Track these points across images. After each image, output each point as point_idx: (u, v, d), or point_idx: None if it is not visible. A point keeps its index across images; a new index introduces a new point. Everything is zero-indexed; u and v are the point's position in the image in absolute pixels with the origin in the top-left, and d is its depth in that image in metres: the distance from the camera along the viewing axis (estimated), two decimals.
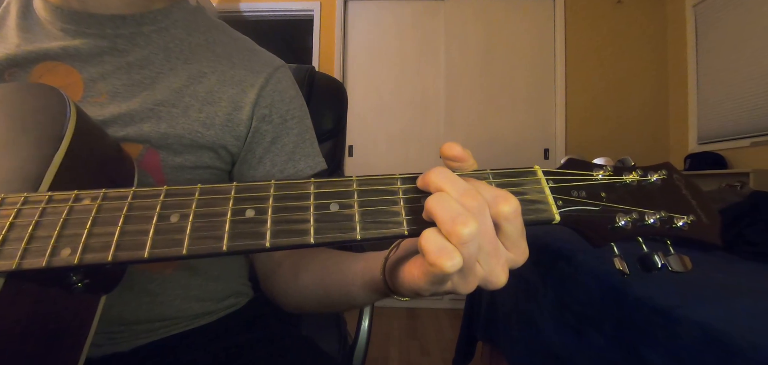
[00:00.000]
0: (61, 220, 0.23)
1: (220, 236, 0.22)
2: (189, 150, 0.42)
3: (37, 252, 0.22)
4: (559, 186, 0.27)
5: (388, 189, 0.25)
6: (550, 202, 0.25)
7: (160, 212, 0.23)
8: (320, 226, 0.23)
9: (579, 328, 0.87)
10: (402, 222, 0.24)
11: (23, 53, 0.39)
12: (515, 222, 0.23)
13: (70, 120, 0.29)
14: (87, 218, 0.23)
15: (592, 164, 0.29)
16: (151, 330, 0.42)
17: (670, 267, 0.26)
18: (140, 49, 0.42)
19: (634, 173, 0.28)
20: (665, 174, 0.29)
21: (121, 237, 0.22)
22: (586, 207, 0.26)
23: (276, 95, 0.47)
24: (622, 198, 0.27)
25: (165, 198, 0.24)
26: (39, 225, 0.23)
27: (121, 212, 0.23)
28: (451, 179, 0.23)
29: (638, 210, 0.26)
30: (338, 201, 0.24)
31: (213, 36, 0.48)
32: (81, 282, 0.25)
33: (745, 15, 2.15)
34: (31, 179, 0.26)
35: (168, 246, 0.22)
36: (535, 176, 0.27)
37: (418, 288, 0.24)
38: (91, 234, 0.22)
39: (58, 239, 0.22)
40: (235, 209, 0.23)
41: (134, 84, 0.41)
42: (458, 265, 0.20)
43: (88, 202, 0.24)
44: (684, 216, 0.27)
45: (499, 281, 0.23)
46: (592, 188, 0.27)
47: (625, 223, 0.26)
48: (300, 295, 0.43)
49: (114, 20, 0.41)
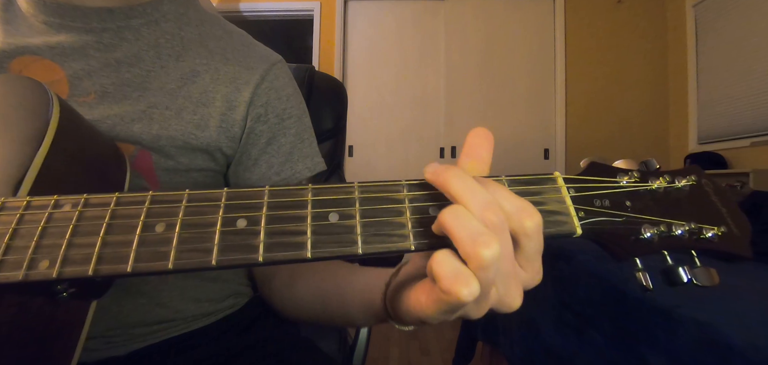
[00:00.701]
0: (39, 229, 0.21)
1: (209, 249, 0.20)
2: (182, 152, 0.40)
3: (13, 264, 0.20)
4: (580, 196, 0.24)
5: (393, 197, 0.23)
6: (571, 213, 0.23)
7: (145, 221, 0.21)
8: (318, 239, 0.21)
9: (579, 328, 0.87)
10: (408, 235, 0.21)
11: (4, 46, 0.37)
12: (537, 239, 0.21)
13: (52, 115, 0.27)
14: (67, 227, 0.21)
15: (616, 168, 0.26)
16: (148, 332, 0.41)
17: (696, 282, 0.24)
18: (129, 45, 0.40)
19: (661, 179, 0.26)
20: (694, 179, 0.26)
21: (102, 249, 0.21)
22: (610, 218, 0.24)
23: (272, 93, 0.45)
24: (648, 207, 0.25)
25: (150, 205, 0.22)
26: (16, 234, 0.21)
27: (103, 221, 0.22)
28: (471, 187, 0.20)
29: (666, 221, 0.24)
30: (338, 210, 0.22)
31: (206, 29, 0.45)
32: (66, 292, 0.24)
33: (745, 15, 2.15)
34: (11, 181, 0.25)
35: (153, 260, 0.20)
36: (555, 184, 0.24)
37: (426, 317, 0.22)
38: (71, 245, 0.21)
39: (35, 250, 0.21)
40: (226, 218, 0.21)
41: (124, 83, 0.39)
42: (476, 293, 0.18)
43: (69, 209, 0.22)
44: (714, 227, 0.25)
45: (513, 304, 0.21)
46: (616, 196, 0.25)
47: (651, 236, 0.24)
48: (296, 307, 0.42)
49: (100, 13, 0.39)
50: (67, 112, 0.29)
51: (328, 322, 0.40)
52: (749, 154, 2.13)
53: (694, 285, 0.24)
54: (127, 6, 0.40)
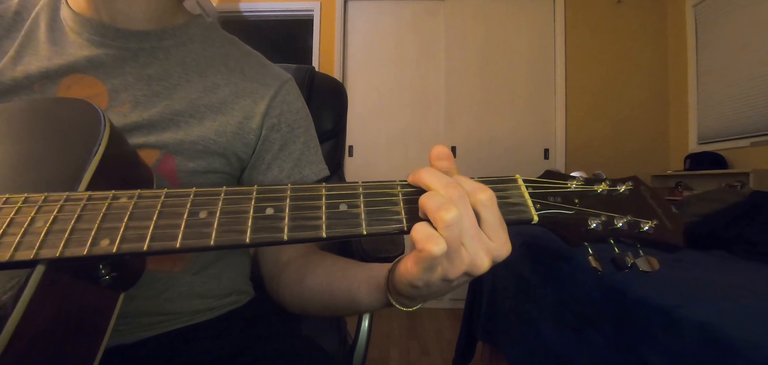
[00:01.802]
0: (100, 215, 0.26)
1: (244, 230, 0.25)
2: (202, 156, 0.45)
3: (78, 242, 0.24)
4: (537, 192, 0.30)
5: (390, 192, 0.28)
6: (529, 204, 0.29)
7: (191, 209, 0.26)
8: (331, 223, 0.26)
9: (579, 328, 0.87)
10: (402, 219, 0.27)
11: (54, 66, 0.42)
12: (492, 208, 0.26)
13: (105, 130, 0.32)
14: (124, 213, 0.26)
15: (568, 175, 0.32)
16: (155, 323, 0.44)
17: (639, 268, 0.29)
18: (160, 63, 0.46)
19: (603, 183, 0.32)
20: (632, 185, 0.32)
21: (155, 230, 0.25)
22: (562, 210, 0.30)
23: (284, 106, 0.51)
24: (592, 204, 0.31)
25: (194, 197, 0.27)
26: (80, 219, 0.26)
27: (155, 209, 0.26)
28: (436, 174, 0.27)
29: (608, 214, 0.30)
30: (346, 201, 0.27)
31: (226, 50, 0.51)
32: (109, 275, 0.28)
33: (745, 15, 2.15)
34: (69, 182, 0.29)
35: (197, 238, 0.24)
36: (516, 183, 0.30)
37: (412, 278, 0.27)
38: (128, 227, 0.25)
39: (98, 231, 0.25)
40: (257, 206, 0.26)
41: (154, 94, 0.44)
42: (443, 249, 0.24)
43: (125, 200, 0.27)
44: (649, 221, 0.30)
45: (483, 265, 0.26)
46: (567, 195, 0.31)
47: (596, 225, 0.29)
48: (305, 297, 0.45)
49: (138, 35, 0.45)
50: (113, 129, 0.35)
51: (333, 312, 0.44)
52: (749, 154, 2.13)
53: (638, 271, 0.29)
54: (160, 29, 0.46)
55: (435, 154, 0.29)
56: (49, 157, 0.32)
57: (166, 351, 0.43)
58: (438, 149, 0.29)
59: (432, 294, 0.29)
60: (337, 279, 0.42)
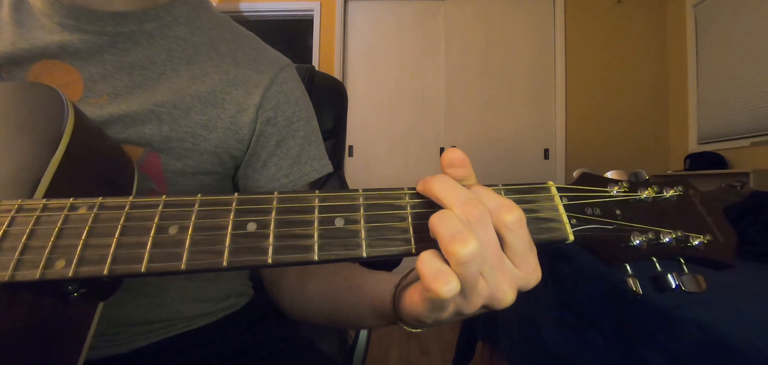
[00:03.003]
0: (55, 230, 0.22)
1: (221, 251, 0.21)
2: (191, 154, 0.41)
3: (30, 263, 0.21)
4: (572, 204, 0.25)
5: (396, 203, 0.24)
6: (563, 220, 0.24)
7: (159, 223, 0.22)
8: (325, 242, 0.22)
9: (579, 328, 0.87)
10: (410, 239, 0.23)
11: (21, 51, 0.37)
12: (519, 233, 0.22)
13: (67, 121, 0.28)
14: (83, 228, 0.22)
15: (607, 179, 0.28)
16: (150, 331, 0.42)
17: (684, 288, 0.25)
18: (142, 49, 0.40)
19: (649, 189, 0.27)
20: (681, 190, 0.28)
21: (117, 250, 0.21)
22: (601, 225, 0.25)
23: (281, 97, 0.45)
24: (637, 216, 0.26)
25: (164, 208, 0.23)
26: (33, 234, 0.22)
27: (118, 223, 0.22)
28: (451, 186, 0.22)
29: (654, 229, 0.25)
30: (343, 215, 0.23)
31: (217, 33, 0.45)
32: (77, 292, 0.24)
33: (745, 15, 2.15)
34: (27, 183, 0.25)
35: (166, 261, 0.21)
36: (549, 193, 0.25)
37: (418, 315, 0.23)
38: (87, 246, 0.22)
39: (52, 250, 0.21)
40: (237, 222, 0.22)
41: (136, 85, 0.39)
42: (455, 290, 0.19)
43: (84, 211, 0.23)
44: (700, 236, 0.26)
45: (505, 299, 0.22)
46: (607, 205, 0.26)
47: (639, 243, 0.25)
48: (306, 307, 0.43)
49: (115, 17, 0.39)
50: (81, 119, 0.30)
51: (336, 323, 0.41)
52: (749, 154, 2.13)
53: (683, 291, 0.25)
54: (140, 10, 0.40)
55: (447, 160, 0.24)
56: (6, 153, 0.27)
57: (163, 359, 0.41)
58: (451, 154, 0.24)
59: (443, 324, 0.25)
60: (340, 291, 0.38)
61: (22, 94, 0.31)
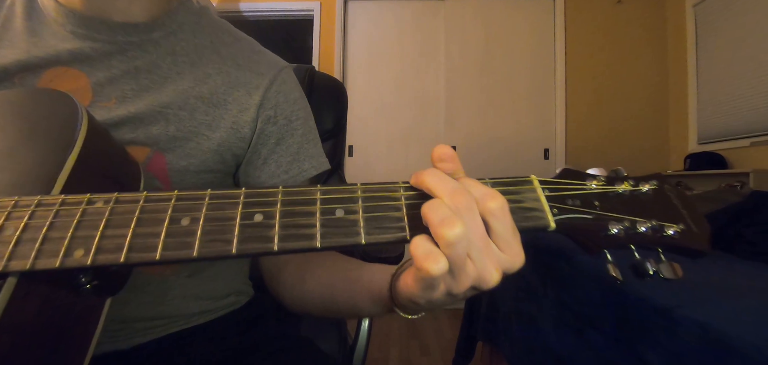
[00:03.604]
0: (74, 222, 0.24)
1: (230, 239, 0.23)
2: (195, 153, 0.42)
3: (50, 252, 0.22)
4: (554, 195, 0.27)
5: (392, 195, 0.26)
6: (545, 210, 0.26)
7: (172, 215, 0.24)
8: (326, 231, 0.24)
9: (579, 328, 0.87)
10: (404, 227, 0.24)
11: (34, 59, 0.39)
12: (503, 219, 0.24)
13: (81, 125, 0.30)
14: (100, 220, 0.24)
15: (586, 174, 0.30)
16: (151, 328, 0.43)
17: (661, 275, 0.27)
18: (148, 55, 0.42)
19: (626, 183, 0.29)
20: (656, 184, 0.30)
21: (133, 239, 0.23)
22: (581, 215, 0.27)
23: (280, 97, 0.48)
24: (614, 207, 0.28)
25: (176, 202, 0.25)
26: (52, 226, 0.24)
27: (133, 215, 0.24)
28: (441, 178, 0.24)
29: (630, 218, 0.27)
30: (343, 206, 0.25)
31: (218, 38, 0.48)
32: (89, 284, 0.26)
33: (745, 15, 2.15)
34: (43, 183, 0.27)
35: (179, 249, 0.22)
36: (532, 185, 0.28)
37: (412, 295, 0.25)
38: (104, 236, 0.23)
39: (71, 240, 0.23)
40: (244, 213, 0.24)
41: (142, 88, 0.41)
42: (443, 269, 0.22)
43: (101, 205, 0.25)
44: (674, 225, 0.28)
45: (492, 280, 0.24)
46: (586, 197, 0.28)
47: (617, 231, 0.27)
48: (306, 300, 0.44)
49: (125, 28, 0.41)
50: (93, 123, 0.31)
51: (335, 314, 0.43)
52: (749, 154, 2.13)
53: (660, 278, 0.27)
54: (149, 20, 0.43)
55: (437, 155, 0.26)
56: (23, 154, 0.29)
57: (163, 355, 0.42)
58: (440, 149, 0.26)
59: (436, 307, 0.27)
60: (339, 282, 0.40)
61: (38, 100, 0.33)
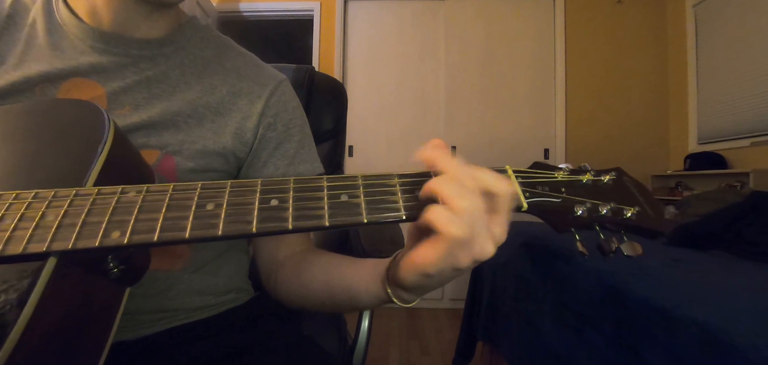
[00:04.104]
0: (110, 208, 0.26)
1: (250, 220, 0.26)
2: (201, 155, 0.46)
3: (89, 234, 0.25)
4: (526, 182, 0.32)
5: (388, 183, 0.30)
6: (519, 192, 0.31)
7: (198, 201, 0.27)
8: (333, 212, 0.27)
9: (579, 328, 0.87)
10: (400, 208, 0.28)
11: (56, 70, 0.43)
12: (510, 200, 0.28)
13: (109, 130, 0.33)
14: (134, 207, 0.26)
15: (554, 166, 0.34)
16: (154, 320, 0.45)
17: (624, 252, 0.31)
18: (159, 67, 0.47)
19: (588, 174, 0.34)
20: (615, 175, 0.34)
21: (164, 222, 0.26)
22: (549, 198, 0.31)
23: (280, 106, 0.52)
24: (578, 193, 0.32)
25: (201, 190, 0.28)
26: (90, 212, 0.26)
27: (163, 202, 0.27)
28: (449, 158, 0.28)
29: (592, 202, 0.32)
30: (347, 192, 0.28)
31: (222, 51, 0.53)
32: (117, 268, 0.29)
33: (745, 15, 2.15)
34: (75, 180, 0.29)
35: (205, 229, 0.25)
36: (506, 173, 0.32)
37: (427, 265, 0.27)
38: (138, 220, 0.26)
39: (108, 224, 0.25)
40: (262, 198, 0.27)
41: (154, 97, 0.45)
42: (465, 232, 0.25)
43: (133, 195, 0.27)
44: (631, 208, 0.32)
45: (490, 251, 0.27)
46: (554, 184, 0.33)
47: (582, 212, 0.31)
48: (303, 294, 0.45)
49: (140, 43, 0.46)
50: (117, 129, 0.35)
51: (332, 308, 0.45)
52: (749, 154, 2.13)
53: (623, 256, 0.31)
54: (161, 37, 0.47)
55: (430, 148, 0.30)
56: (55, 157, 0.32)
57: (167, 347, 0.44)
58: (435, 144, 0.29)
59: (439, 283, 0.30)
60: (335, 276, 0.42)
61: (66, 108, 0.37)
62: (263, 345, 0.46)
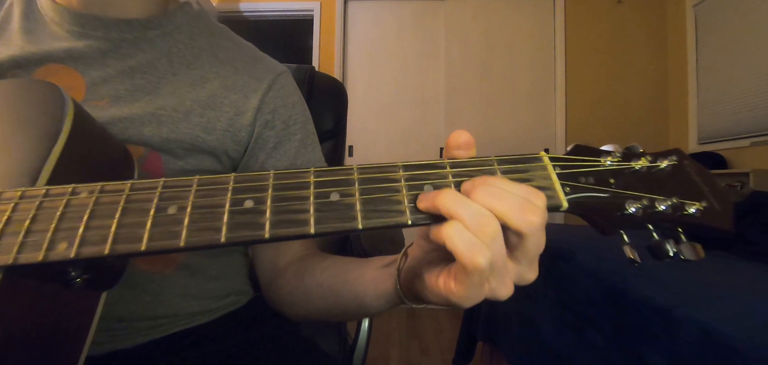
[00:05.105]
0: (58, 214, 0.23)
1: (219, 227, 0.22)
2: (190, 154, 0.42)
3: (33, 246, 0.22)
4: (566, 173, 0.25)
5: (390, 177, 0.24)
6: (557, 188, 0.24)
7: (158, 204, 0.23)
8: (321, 216, 0.22)
9: (579, 328, 0.87)
10: (405, 210, 0.23)
11: (27, 55, 0.39)
12: (539, 237, 0.22)
13: (67, 115, 0.29)
14: (84, 211, 0.23)
15: (600, 150, 0.27)
16: (152, 327, 0.43)
17: (682, 256, 0.25)
18: (144, 54, 0.42)
19: (643, 159, 0.27)
20: (675, 159, 0.28)
21: (118, 230, 0.22)
22: (595, 193, 0.25)
23: (279, 101, 0.47)
24: (631, 185, 0.26)
25: (162, 189, 0.23)
26: (36, 219, 0.23)
27: (118, 205, 0.23)
28: (460, 201, 0.21)
29: (649, 196, 0.25)
30: (339, 189, 0.23)
31: (216, 41, 0.48)
32: (80, 278, 0.25)
33: (745, 15, 2.15)
34: (28, 175, 0.26)
35: (166, 239, 0.21)
36: (542, 162, 0.26)
37: (453, 297, 0.24)
38: (89, 228, 0.22)
39: (55, 233, 0.22)
40: (234, 199, 0.23)
41: (137, 88, 0.41)
42: (487, 262, 0.20)
43: (85, 196, 0.24)
44: (696, 203, 0.26)
45: (506, 294, 0.23)
46: (601, 174, 0.26)
47: (635, 210, 0.25)
48: (306, 303, 0.43)
49: (119, 24, 0.41)
50: (80, 113, 0.30)
51: (339, 316, 0.42)
52: (749, 154, 2.13)
53: (681, 260, 0.25)
54: (145, 18, 0.43)
55: (455, 144, 0.25)
56: (9, 146, 0.28)
57: (165, 355, 0.42)
58: (460, 136, 0.25)
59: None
60: (340, 282, 0.39)
61: (23, 91, 0.32)
62: (262, 347, 0.45)
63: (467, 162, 0.25)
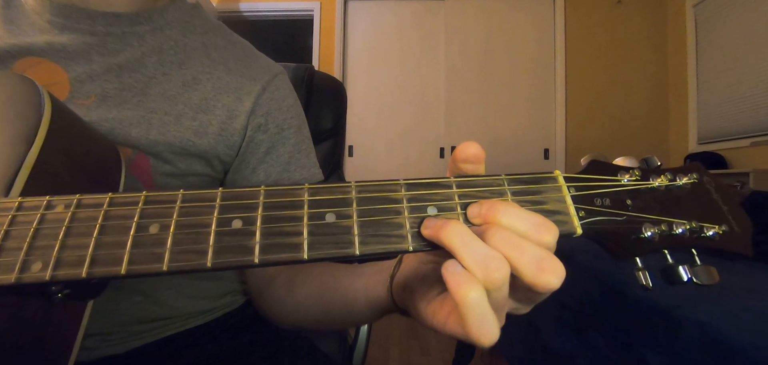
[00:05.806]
0: (31, 230, 0.21)
1: (204, 250, 0.20)
2: (180, 158, 0.40)
3: (6, 266, 0.20)
4: (581, 195, 0.24)
5: (392, 196, 0.22)
6: (571, 213, 0.23)
7: (139, 222, 0.21)
8: (315, 240, 0.21)
9: (579, 328, 0.87)
10: (406, 236, 0.21)
11: (5, 47, 0.36)
12: (550, 290, 0.21)
13: (44, 114, 0.26)
14: (59, 228, 0.21)
15: (617, 167, 0.26)
16: (145, 330, 0.41)
17: (696, 280, 0.24)
18: (132, 50, 0.40)
19: (662, 177, 0.25)
20: (696, 177, 0.26)
21: (96, 251, 0.20)
22: (611, 217, 0.23)
23: (273, 104, 0.46)
24: (649, 206, 0.24)
25: (144, 206, 0.22)
26: (8, 235, 0.21)
27: (96, 222, 0.21)
28: (465, 240, 0.19)
29: (667, 220, 0.24)
30: (335, 210, 0.22)
31: (210, 39, 0.46)
32: (61, 293, 0.23)
33: (745, 15, 2.15)
34: (2, 181, 0.24)
35: (147, 262, 0.20)
36: (556, 183, 0.24)
37: (453, 332, 0.22)
38: (64, 247, 0.20)
39: (28, 252, 0.20)
40: (221, 218, 0.21)
41: (125, 88, 0.39)
42: (482, 293, 0.19)
43: (61, 210, 0.22)
44: (715, 226, 0.24)
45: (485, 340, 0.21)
46: (617, 195, 0.24)
47: (651, 235, 0.23)
48: (297, 312, 0.42)
49: (106, 17, 0.39)
50: (60, 111, 0.28)
51: (330, 325, 0.41)
52: (749, 154, 2.13)
53: (695, 284, 0.24)
54: (133, 12, 0.40)
55: (462, 157, 0.23)
56: None
57: (161, 359, 0.41)
58: (468, 148, 0.23)
59: None
60: (330, 290, 0.38)
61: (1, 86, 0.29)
62: (261, 348, 0.44)
63: (475, 181, 0.23)
